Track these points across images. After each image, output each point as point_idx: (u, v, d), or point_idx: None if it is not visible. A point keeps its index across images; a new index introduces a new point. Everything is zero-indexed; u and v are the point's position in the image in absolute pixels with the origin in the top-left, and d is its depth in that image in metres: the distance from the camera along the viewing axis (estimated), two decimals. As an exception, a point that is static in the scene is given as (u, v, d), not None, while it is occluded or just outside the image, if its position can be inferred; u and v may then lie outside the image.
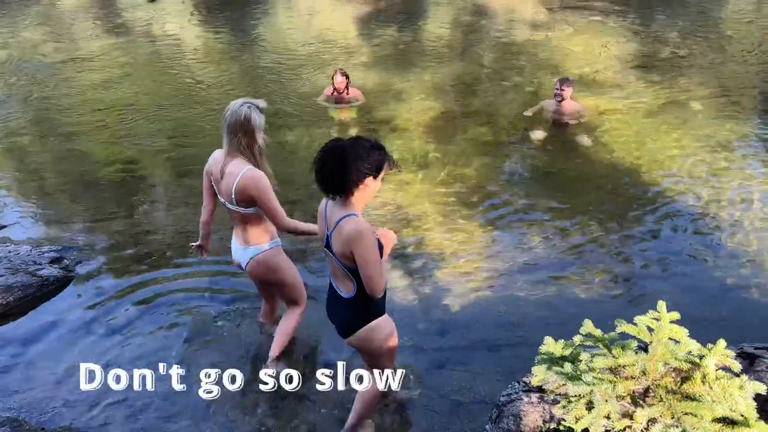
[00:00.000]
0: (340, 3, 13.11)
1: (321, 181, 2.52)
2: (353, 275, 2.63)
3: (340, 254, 2.59)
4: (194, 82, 8.62)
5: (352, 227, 2.50)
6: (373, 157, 2.54)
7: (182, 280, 4.52)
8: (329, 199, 2.62)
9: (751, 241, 4.76)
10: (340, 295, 2.77)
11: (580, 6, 11.77)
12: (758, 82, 8.07)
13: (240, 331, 4.00)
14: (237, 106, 3.06)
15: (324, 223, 2.70)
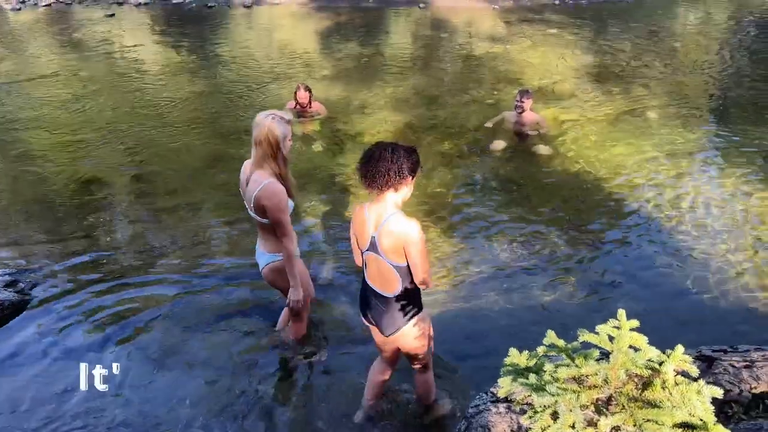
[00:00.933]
0: (300, 17, 13.14)
1: (371, 178, 2.69)
2: (399, 272, 2.80)
3: (391, 250, 2.75)
4: (154, 98, 8.50)
5: (404, 222, 2.71)
6: (413, 159, 2.77)
7: (143, 302, 4.42)
8: (376, 198, 2.77)
9: (707, 245, 4.90)
10: (383, 295, 2.90)
11: (537, 19, 12.06)
12: (708, 91, 8.37)
13: (202, 352, 3.93)
14: (262, 118, 3.20)
15: (368, 227, 2.82)
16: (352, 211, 3.03)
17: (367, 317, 3.07)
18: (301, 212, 5.56)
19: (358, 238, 2.94)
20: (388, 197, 2.75)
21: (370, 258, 2.87)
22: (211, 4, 13.92)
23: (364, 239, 2.86)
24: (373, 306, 2.99)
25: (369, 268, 2.92)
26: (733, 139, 6.84)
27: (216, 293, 4.51)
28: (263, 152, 3.19)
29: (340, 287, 4.57)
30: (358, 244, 2.96)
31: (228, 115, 7.84)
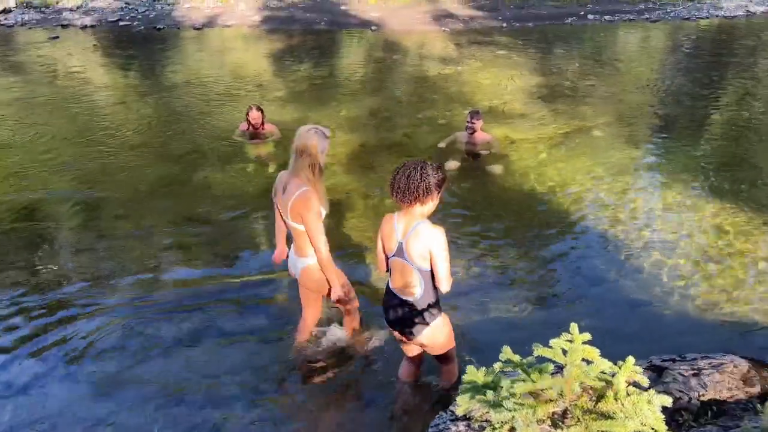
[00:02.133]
0: (252, 40, 13.10)
1: (402, 193, 2.97)
2: (422, 275, 3.05)
3: (418, 255, 3.02)
4: (100, 122, 8.29)
5: (431, 229, 3.00)
6: (439, 176, 3.04)
7: (90, 332, 4.26)
8: (405, 210, 3.02)
9: (654, 258, 5.06)
10: (407, 300, 3.14)
11: (486, 42, 12.36)
12: (649, 110, 8.72)
13: (153, 382, 3.80)
14: (305, 131, 3.41)
15: (396, 235, 3.09)
16: (381, 219, 3.26)
17: (389, 322, 3.29)
18: (255, 236, 5.49)
19: (385, 245, 3.20)
20: (416, 209, 3.01)
21: (396, 263, 3.14)
22: (160, 26, 13.74)
23: (392, 245, 3.14)
24: (397, 312, 3.21)
25: (393, 273, 3.19)
26: (674, 154, 7.13)
27: (166, 320, 4.38)
28: (302, 162, 3.38)
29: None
30: (384, 250, 3.21)
31: (178, 138, 7.71)
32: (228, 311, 4.52)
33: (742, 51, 11.85)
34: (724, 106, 8.74)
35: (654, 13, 14.47)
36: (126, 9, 14.74)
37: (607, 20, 14.06)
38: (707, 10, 14.61)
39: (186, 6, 14.92)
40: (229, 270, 5.02)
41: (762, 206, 5.88)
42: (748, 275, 4.83)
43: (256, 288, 4.78)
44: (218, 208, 6.00)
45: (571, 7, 14.90)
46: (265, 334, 4.28)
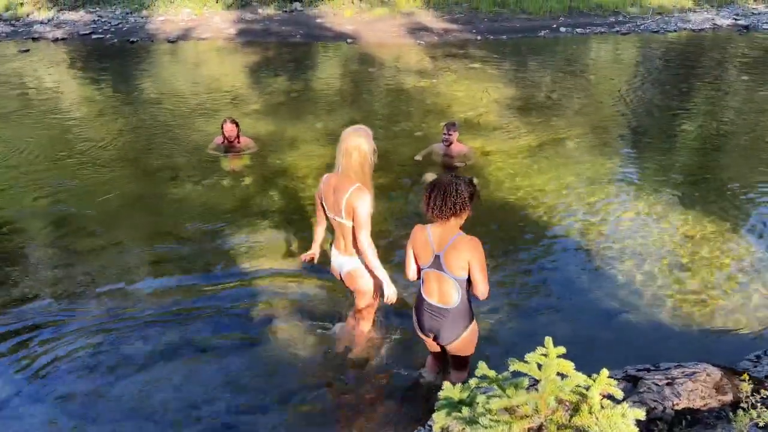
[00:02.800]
0: (227, 53, 13.05)
1: (439, 210, 3.14)
2: (459, 285, 3.21)
3: (456, 266, 3.17)
4: (73, 136, 8.17)
5: (471, 241, 3.16)
6: (471, 191, 3.21)
7: (63, 351, 4.16)
8: (438, 224, 3.19)
9: (627, 268, 5.12)
10: (443, 307, 3.29)
11: (461, 54, 12.48)
12: (621, 121, 8.87)
13: (129, 401, 3.73)
14: (352, 131, 3.54)
15: (430, 247, 3.23)
16: (412, 230, 3.37)
17: (423, 330, 3.44)
18: (230, 249, 5.44)
19: (417, 256, 3.33)
20: (452, 222, 3.18)
21: (430, 274, 3.28)
22: (133, 39, 13.61)
23: (427, 257, 3.26)
24: (431, 319, 3.35)
25: (427, 283, 3.32)
26: (646, 165, 7.26)
27: (141, 336, 4.31)
28: (352, 162, 3.50)
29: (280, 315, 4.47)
30: (417, 261, 3.34)
31: (152, 153, 7.62)
32: (203, 325, 4.46)
33: (709, 63, 12.15)
34: (693, 117, 8.94)
35: (624, 26, 14.77)
36: (98, 22, 14.58)
37: (578, 33, 14.30)
38: (675, 24, 14.96)
39: (160, 19, 14.81)
40: (204, 283, 4.96)
41: (730, 214, 6.01)
42: (719, 282, 4.92)
43: (232, 301, 4.73)
44: (193, 222, 5.93)
45: (544, 20, 15.14)
46: (241, 347, 4.23)
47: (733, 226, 5.76)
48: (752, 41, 13.65)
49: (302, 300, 4.76)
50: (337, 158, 3.56)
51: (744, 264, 5.17)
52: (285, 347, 4.24)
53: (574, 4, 15.86)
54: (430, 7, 15.88)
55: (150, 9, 15.19)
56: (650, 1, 16.28)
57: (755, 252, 5.34)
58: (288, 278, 5.02)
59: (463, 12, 15.62)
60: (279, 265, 5.20)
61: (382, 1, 16.12)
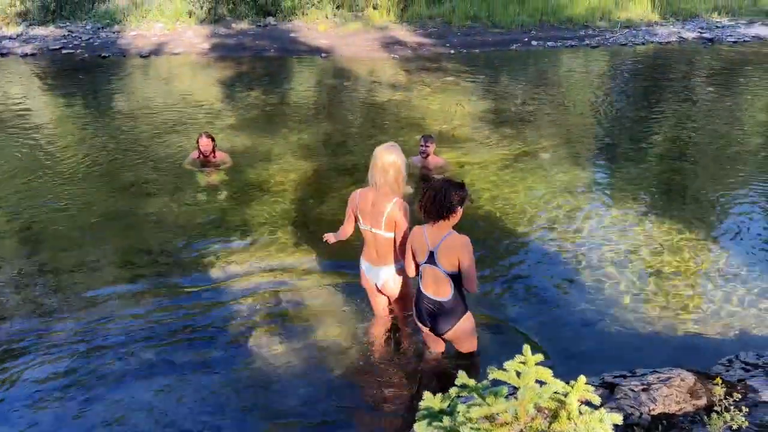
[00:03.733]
0: (200, 67, 12.98)
1: (429, 213, 3.49)
2: (452, 279, 3.54)
3: (447, 263, 3.51)
4: (44, 153, 8.02)
5: (460, 239, 3.51)
6: (463, 192, 3.55)
7: (32, 376, 4.06)
8: (432, 224, 3.52)
9: (600, 276, 5.20)
10: (438, 300, 3.64)
11: (435, 68, 12.61)
12: (593, 132, 9.04)
13: (98, 425, 3.65)
14: (385, 149, 3.83)
15: (426, 245, 3.58)
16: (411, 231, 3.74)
17: (422, 320, 3.78)
18: (205, 264, 5.38)
19: (415, 254, 3.68)
20: (443, 223, 3.52)
21: (427, 269, 3.62)
22: (105, 54, 13.47)
23: (423, 254, 3.61)
24: (429, 311, 3.69)
25: (425, 278, 3.67)
26: (618, 174, 7.39)
27: (113, 356, 4.23)
28: (388, 178, 3.79)
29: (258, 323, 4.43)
30: (415, 258, 3.70)
31: (125, 169, 7.52)
32: (180, 343, 4.40)
33: (676, 75, 12.47)
34: (662, 127, 9.14)
35: (594, 39, 15.08)
36: (69, 37, 14.40)
37: (550, 46, 14.56)
38: (643, 37, 15.32)
39: (132, 34, 14.69)
40: (181, 300, 4.90)
41: (701, 222, 6.15)
42: (691, 289, 5.02)
43: (208, 317, 4.68)
44: (168, 237, 5.87)
45: (516, 33, 15.39)
46: (218, 365, 4.18)
47: (703, 233, 5.90)
48: (717, 53, 14.05)
49: (279, 314, 4.73)
50: (373, 175, 3.84)
51: (715, 270, 5.29)
52: (264, 363, 4.20)
53: (545, 18, 16.15)
54: (403, 22, 16.03)
55: (122, 24, 15.05)
56: (618, 15, 16.66)
57: (725, 258, 5.46)
58: (266, 293, 4.98)
59: (436, 26, 15.80)
60: (257, 280, 5.17)
61: (356, 16, 16.23)
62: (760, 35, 15.48)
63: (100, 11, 15.51)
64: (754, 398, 3.07)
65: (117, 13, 15.31)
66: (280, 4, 16.01)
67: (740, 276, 5.17)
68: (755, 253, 5.55)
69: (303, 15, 15.92)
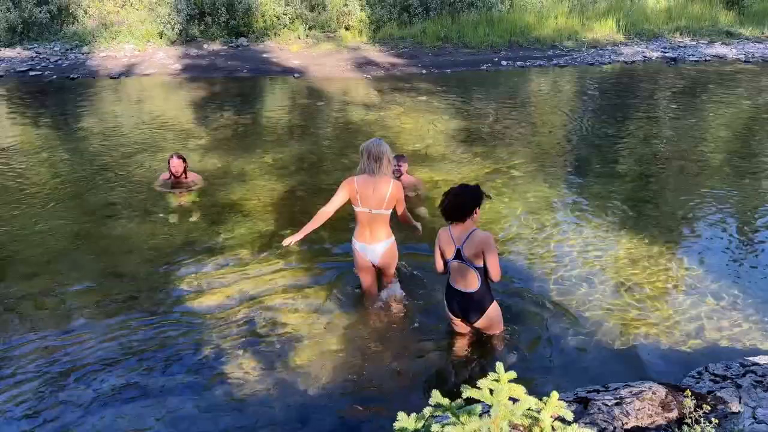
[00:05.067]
0: (172, 88, 12.91)
1: (453, 212, 4.01)
2: (479, 272, 4.00)
3: (473, 256, 3.98)
4: (8, 177, 7.86)
5: (483, 235, 4.00)
6: (479, 193, 4.05)
7: (3, 395, 3.94)
8: (456, 224, 4.03)
9: (574, 291, 5.26)
10: (467, 291, 4.08)
11: (407, 88, 12.74)
12: (562, 150, 9.20)
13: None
14: (376, 143, 4.54)
15: (452, 244, 4.03)
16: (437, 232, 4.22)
17: (453, 312, 4.23)
18: (177, 286, 5.30)
19: (443, 252, 4.12)
20: (467, 222, 4.01)
21: (455, 265, 4.07)
22: (74, 75, 13.31)
23: (450, 251, 4.05)
24: (459, 303, 4.15)
25: (453, 273, 4.11)
26: (588, 191, 7.52)
27: (83, 383, 4.13)
28: (384, 165, 4.48)
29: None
30: (443, 256, 4.13)
31: (95, 191, 7.40)
32: (150, 367, 4.32)
33: (642, 93, 12.79)
34: (629, 144, 9.35)
35: (562, 59, 15.41)
36: (36, 59, 14.20)
37: (519, 66, 14.84)
38: (609, 56, 15.71)
39: (101, 55, 14.55)
40: (151, 323, 4.81)
41: (669, 236, 6.29)
42: (662, 302, 5.11)
43: (179, 340, 4.61)
44: (139, 260, 5.78)
45: (486, 53, 15.65)
46: (190, 388, 4.11)
47: (672, 248, 6.02)
48: (680, 72, 14.48)
49: (252, 336, 4.67)
50: (368, 165, 4.48)
51: (683, 283, 5.39)
52: (238, 385, 4.14)
53: (514, 39, 16.47)
54: (375, 42, 16.19)
55: (91, 45, 14.90)
56: (584, 35, 17.08)
57: (693, 271, 5.58)
58: (238, 315, 4.93)
59: (408, 47, 15.99)
60: (229, 301, 5.11)
61: (329, 37, 16.34)
62: (720, 54, 16.01)
63: (69, 32, 15.35)
64: (723, 409, 3.13)
65: (86, 35, 15.16)
66: (252, 25, 16.04)
67: (708, 289, 5.28)
68: (722, 266, 5.68)
69: (275, 36, 15.98)
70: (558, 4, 18.27)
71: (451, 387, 3.88)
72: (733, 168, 8.38)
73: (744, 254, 6.00)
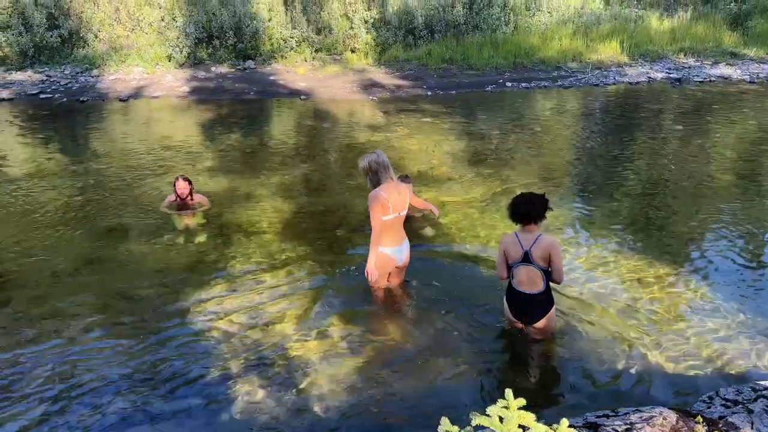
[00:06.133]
0: (180, 110, 13.04)
1: (526, 217, 4.30)
2: (544, 274, 4.31)
3: (540, 259, 4.28)
4: (17, 198, 7.92)
5: (550, 239, 4.33)
6: (545, 202, 4.36)
7: (7, 420, 3.92)
8: (523, 229, 4.34)
9: (582, 314, 5.21)
10: (532, 293, 4.38)
11: (412, 109, 12.83)
12: (567, 170, 9.21)
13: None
14: (380, 153, 4.90)
15: (519, 247, 4.32)
16: (501, 239, 4.48)
17: (516, 315, 4.51)
18: (185, 307, 5.30)
19: (508, 257, 4.38)
20: (534, 227, 4.31)
21: (521, 269, 4.36)
22: (84, 98, 13.48)
23: (517, 255, 4.33)
24: (523, 304, 4.44)
25: (518, 276, 4.38)
26: (594, 211, 7.51)
27: (91, 407, 4.11)
28: (391, 172, 4.89)
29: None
30: (507, 260, 4.39)
31: (101, 213, 7.44)
32: (158, 389, 4.30)
33: (647, 113, 12.83)
34: (635, 165, 9.36)
35: (566, 80, 15.51)
36: (47, 82, 14.41)
37: (523, 87, 14.94)
38: (613, 77, 15.81)
39: (111, 77, 14.75)
40: (157, 346, 4.80)
41: (676, 257, 6.25)
42: (670, 325, 5.06)
43: (187, 363, 4.59)
44: (146, 282, 5.78)
45: (490, 75, 15.78)
46: (199, 411, 4.08)
47: (680, 269, 5.98)
48: (684, 93, 14.53)
49: (259, 359, 4.65)
50: (385, 173, 4.82)
51: (692, 306, 5.35)
52: (244, 410, 4.11)
53: (519, 60, 16.61)
54: (381, 64, 16.35)
55: (101, 68, 15.12)
56: (589, 56, 17.20)
57: (702, 293, 5.54)
58: (245, 337, 4.91)
59: (413, 69, 16.14)
60: (236, 323, 5.10)
61: (335, 59, 16.52)
62: (725, 75, 16.08)
63: (80, 56, 15.58)
64: (735, 435, 3.08)
65: (96, 58, 15.38)
66: (259, 48, 16.24)
67: (718, 311, 5.24)
68: (732, 288, 5.63)
69: (282, 58, 16.17)
70: (562, 26, 18.44)
71: (460, 412, 3.84)
72: (740, 188, 8.36)
73: (753, 276, 5.95)
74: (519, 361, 4.66)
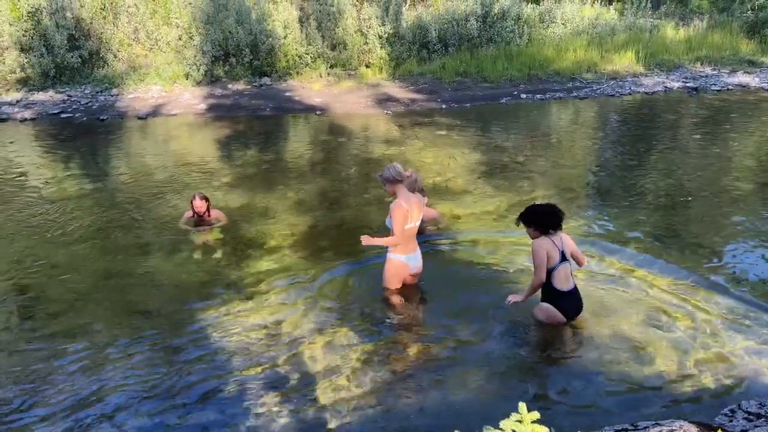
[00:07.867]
0: (197, 127, 13.21)
1: (557, 224, 4.93)
2: (573, 267, 4.99)
3: (573, 256, 4.99)
4: (40, 215, 8.06)
5: (564, 234, 5.01)
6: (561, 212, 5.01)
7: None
8: (553, 234, 4.93)
9: (601, 326, 5.16)
10: (574, 287, 4.96)
11: (427, 122, 12.87)
12: (584, 181, 9.16)
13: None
14: (395, 166, 5.22)
15: (557, 249, 4.86)
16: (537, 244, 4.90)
17: (569, 314, 4.96)
18: (204, 323, 5.34)
19: (550, 258, 4.82)
20: (560, 231, 4.95)
21: (561, 268, 4.85)
22: (103, 117, 13.72)
23: (556, 257, 4.83)
24: (571, 303, 4.94)
25: (559, 277, 4.86)
26: (612, 223, 7.45)
27: (112, 425, 4.15)
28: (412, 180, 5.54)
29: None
30: (548, 262, 4.81)
31: (122, 229, 7.54)
32: (177, 407, 4.32)
33: (664, 123, 12.74)
34: (653, 175, 9.28)
35: (582, 90, 15.46)
36: (68, 101, 14.69)
37: (538, 98, 14.92)
38: (629, 87, 15.72)
39: (130, 96, 15.01)
40: (176, 362, 4.84)
41: (698, 269, 6.16)
42: (691, 338, 4.99)
43: (206, 379, 4.62)
44: (164, 298, 5.84)
45: (505, 87, 15.78)
46: (215, 429, 4.09)
47: (702, 281, 5.90)
48: (701, 102, 14.40)
49: (276, 375, 4.67)
50: (409, 183, 5.37)
51: (714, 318, 5.27)
52: (262, 425, 4.12)
53: (533, 72, 16.60)
54: (395, 79, 16.44)
55: (120, 87, 15.39)
56: (604, 67, 17.14)
57: (724, 306, 5.45)
58: (264, 353, 4.93)
59: (427, 82, 16.20)
60: (255, 339, 5.12)
61: (350, 74, 16.65)
62: (743, 83, 15.92)
63: (99, 75, 15.87)
64: (759, 449, 3.01)
65: (116, 77, 15.67)
66: (275, 65, 16.43)
67: (740, 324, 5.15)
68: (754, 301, 5.54)
69: (297, 75, 16.33)
70: (576, 37, 18.41)
71: (472, 426, 3.82)
72: (761, 198, 8.24)
73: (775, 286, 5.85)
74: (534, 373, 4.62)
